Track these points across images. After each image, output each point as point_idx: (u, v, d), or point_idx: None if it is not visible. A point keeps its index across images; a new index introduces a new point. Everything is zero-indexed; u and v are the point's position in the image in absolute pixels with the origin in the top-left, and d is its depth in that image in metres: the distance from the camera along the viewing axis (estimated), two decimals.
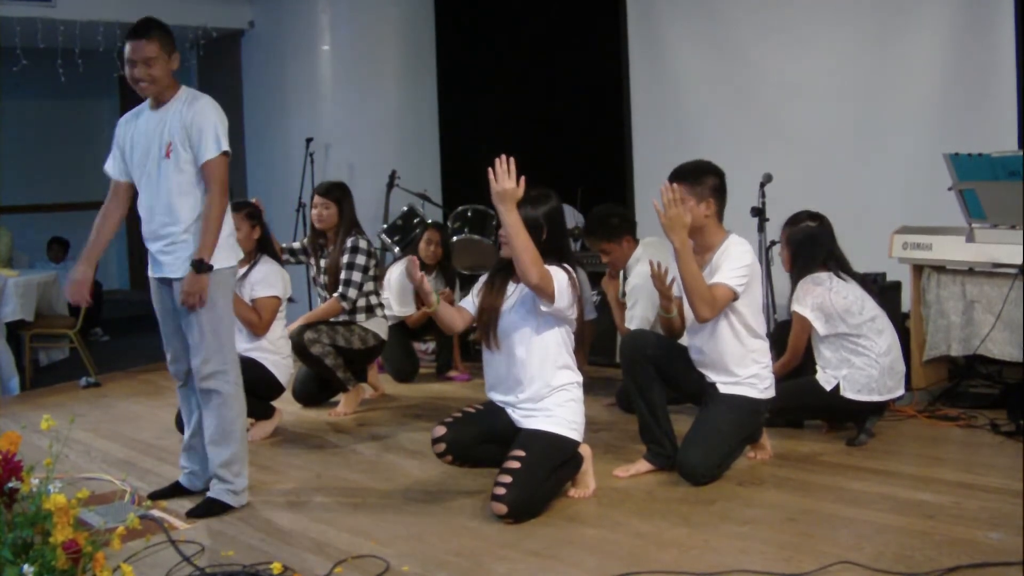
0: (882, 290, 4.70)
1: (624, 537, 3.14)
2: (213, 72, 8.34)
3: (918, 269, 4.87)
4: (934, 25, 5.57)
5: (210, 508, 3.49)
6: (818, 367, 4.13)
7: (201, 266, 3.32)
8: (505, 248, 3.41)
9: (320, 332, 4.90)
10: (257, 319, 4.54)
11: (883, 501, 3.36)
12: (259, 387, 4.44)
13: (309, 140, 7.33)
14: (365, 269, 4.99)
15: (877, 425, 4.11)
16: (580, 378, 3.54)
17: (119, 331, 8.30)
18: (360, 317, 5.04)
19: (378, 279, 5.25)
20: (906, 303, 5.02)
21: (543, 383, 3.43)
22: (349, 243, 4.97)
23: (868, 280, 4.42)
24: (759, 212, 5.33)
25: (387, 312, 5.77)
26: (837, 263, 4.20)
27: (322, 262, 5.10)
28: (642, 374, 3.74)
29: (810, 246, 4.21)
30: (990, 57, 5.31)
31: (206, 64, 8.29)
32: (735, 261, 3.56)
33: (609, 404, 4.95)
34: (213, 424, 3.48)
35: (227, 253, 3.47)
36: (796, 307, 4.12)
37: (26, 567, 2.14)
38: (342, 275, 4.95)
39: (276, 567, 2.90)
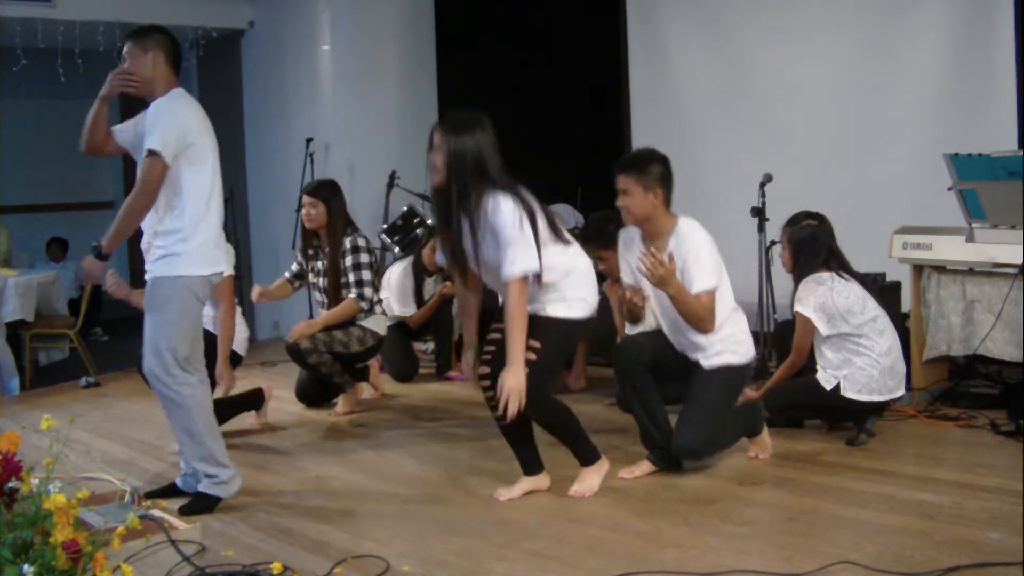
0: (882, 290, 4.70)
1: (624, 537, 3.14)
2: (213, 72, 8.34)
3: (918, 269, 4.86)
4: (934, 25, 5.58)
5: (200, 503, 3.50)
6: (819, 367, 4.13)
7: (95, 249, 3.26)
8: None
9: (316, 341, 4.86)
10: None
11: (883, 501, 3.36)
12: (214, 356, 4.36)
13: (309, 140, 7.32)
14: (371, 266, 4.96)
15: (877, 425, 4.11)
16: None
17: (119, 331, 8.30)
18: (359, 316, 5.02)
19: (378, 274, 5.23)
20: (906, 303, 5.01)
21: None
22: (348, 244, 4.93)
23: (868, 280, 4.42)
24: (759, 212, 5.33)
25: (387, 312, 5.78)
26: (838, 262, 4.20)
27: (317, 264, 5.04)
28: (640, 382, 3.73)
29: (811, 245, 4.20)
30: (990, 57, 5.32)
31: (206, 64, 8.29)
32: (702, 257, 3.57)
33: (609, 404, 4.95)
34: (177, 426, 3.49)
35: (197, 260, 3.41)
36: (799, 307, 4.11)
37: (26, 567, 2.14)
38: (351, 277, 4.89)
39: (276, 567, 2.90)
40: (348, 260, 4.91)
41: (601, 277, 5.17)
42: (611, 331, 4.83)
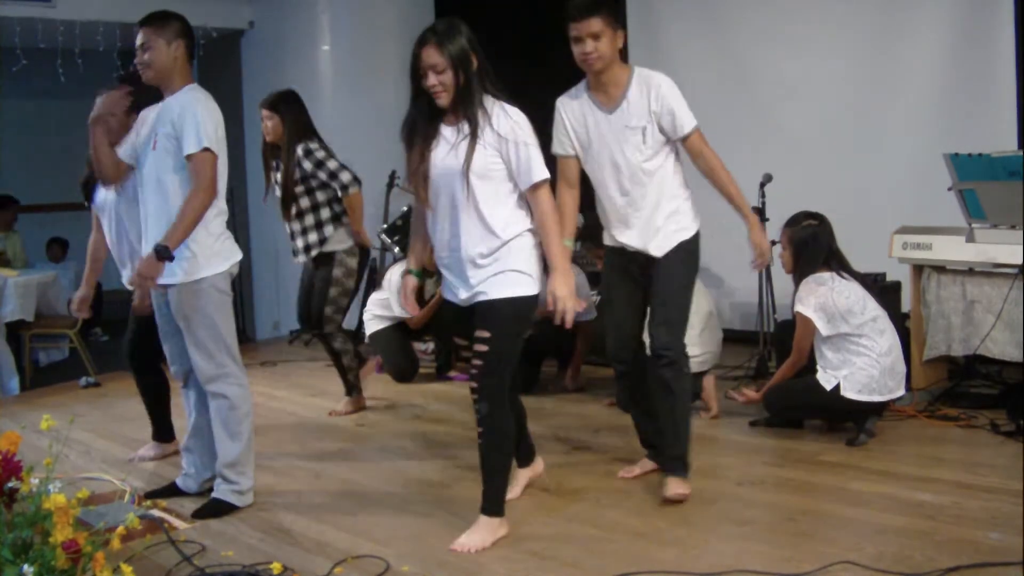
0: (882, 290, 4.70)
1: (624, 537, 3.14)
2: (213, 72, 8.34)
3: (918, 269, 4.86)
4: (934, 25, 5.58)
5: (216, 508, 3.49)
6: (819, 367, 4.13)
7: (161, 251, 3.23)
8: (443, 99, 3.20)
9: (332, 322, 4.86)
10: None
11: (883, 501, 3.36)
12: None
13: None
14: (330, 155, 4.80)
15: (877, 425, 4.11)
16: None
17: (119, 331, 8.25)
18: (328, 230, 4.84)
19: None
20: (906, 303, 5.01)
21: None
22: (300, 151, 4.72)
23: (868, 280, 4.43)
24: (759, 212, 5.34)
25: (388, 313, 5.78)
26: (838, 262, 4.20)
27: (277, 175, 4.88)
28: (638, 379, 3.72)
29: (812, 246, 4.20)
30: (990, 57, 5.32)
31: (206, 64, 8.27)
32: (676, 100, 3.46)
33: (609, 404, 4.95)
34: (220, 425, 3.48)
35: (215, 257, 3.41)
36: (799, 308, 4.11)
37: (26, 567, 2.14)
38: (323, 176, 4.74)
39: (276, 567, 2.91)
40: (307, 166, 4.73)
41: (599, 277, 5.18)
42: None
